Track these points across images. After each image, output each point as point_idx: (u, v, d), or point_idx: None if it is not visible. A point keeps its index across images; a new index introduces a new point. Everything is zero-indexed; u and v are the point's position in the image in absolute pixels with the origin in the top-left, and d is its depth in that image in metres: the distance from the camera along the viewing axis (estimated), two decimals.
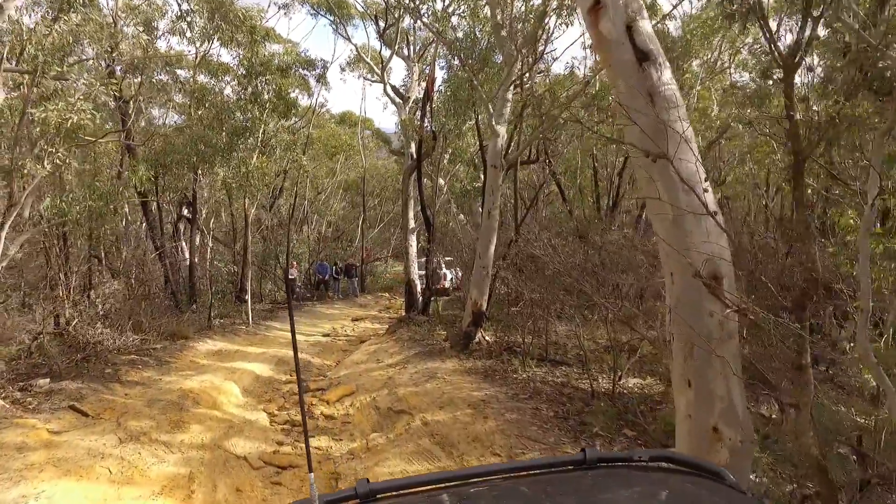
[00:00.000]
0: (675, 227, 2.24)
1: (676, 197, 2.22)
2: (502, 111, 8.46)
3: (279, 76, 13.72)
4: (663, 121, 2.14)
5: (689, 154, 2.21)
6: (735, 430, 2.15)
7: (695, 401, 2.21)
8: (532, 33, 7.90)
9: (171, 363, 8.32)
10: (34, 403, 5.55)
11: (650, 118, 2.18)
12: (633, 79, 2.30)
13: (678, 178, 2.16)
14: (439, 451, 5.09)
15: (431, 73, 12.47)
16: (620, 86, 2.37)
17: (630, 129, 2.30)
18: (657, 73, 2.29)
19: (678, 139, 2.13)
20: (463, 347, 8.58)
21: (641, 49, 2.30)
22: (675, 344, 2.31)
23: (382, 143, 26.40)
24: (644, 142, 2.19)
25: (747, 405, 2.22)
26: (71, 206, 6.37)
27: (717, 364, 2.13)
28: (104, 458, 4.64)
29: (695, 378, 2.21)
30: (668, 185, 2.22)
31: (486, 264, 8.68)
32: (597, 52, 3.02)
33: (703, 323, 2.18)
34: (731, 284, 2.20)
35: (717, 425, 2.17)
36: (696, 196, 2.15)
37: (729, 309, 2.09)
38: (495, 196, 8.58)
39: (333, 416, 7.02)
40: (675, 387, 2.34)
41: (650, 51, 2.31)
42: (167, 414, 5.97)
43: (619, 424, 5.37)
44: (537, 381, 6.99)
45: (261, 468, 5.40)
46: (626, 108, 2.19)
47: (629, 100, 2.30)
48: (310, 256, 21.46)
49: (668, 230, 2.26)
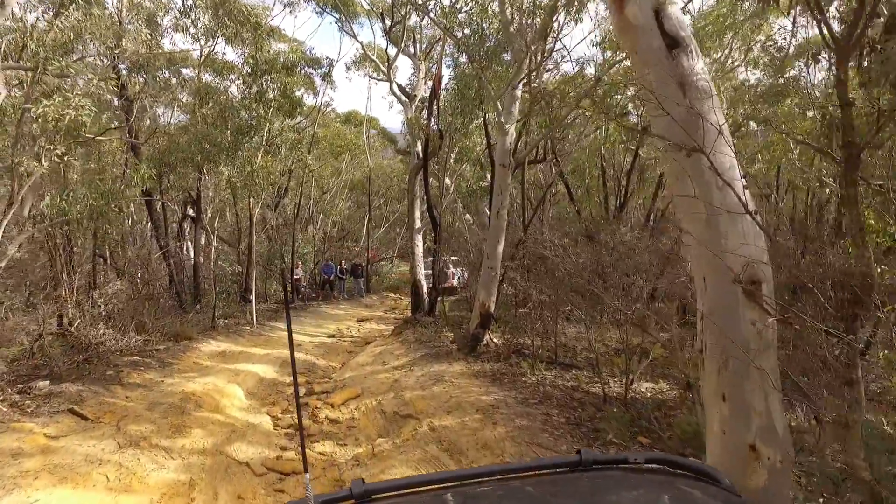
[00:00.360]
0: (708, 228, 2.07)
1: (710, 194, 2.04)
2: (511, 109, 8.28)
3: (284, 74, 13.61)
4: (698, 112, 1.96)
5: (725, 148, 2.03)
6: (774, 449, 1.98)
7: (730, 416, 2.04)
8: (542, 29, 7.72)
9: (173, 365, 8.19)
10: (33, 406, 5.42)
11: (682, 109, 2.01)
12: (663, 67, 2.13)
13: (714, 174, 1.98)
14: (447, 459, 4.93)
15: (438, 70, 12.29)
16: (648, 75, 2.20)
17: (658, 121, 2.13)
18: (689, 61, 2.12)
19: (714, 132, 1.96)
20: (470, 350, 8.41)
21: (671, 35, 2.12)
22: (707, 354, 2.13)
23: (388, 142, 26.27)
24: (675, 134, 2.02)
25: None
26: (71, 205, 6.26)
27: (755, 376, 1.96)
28: (102, 464, 4.50)
29: (730, 391, 2.03)
30: (701, 182, 2.05)
31: (494, 265, 8.50)
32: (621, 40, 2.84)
33: (739, 332, 2.00)
34: (770, 290, 2.03)
35: (755, 443, 2.00)
36: (733, 193, 1.98)
37: (772, 317, 1.91)
38: (504, 195, 8.40)
39: (338, 419, 6.86)
40: (707, 400, 2.16)
41: (681, 37, 2.13)
42: (168, 418, 5.84)
43: (633, 431, 5.19)
44: (547, 385, 6.81)
45: (263, 475, 5.25)
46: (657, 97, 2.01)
47: (658, 90, 2.12)
48: (315, 256, 21.36)
49: (702, 231, 2.08)
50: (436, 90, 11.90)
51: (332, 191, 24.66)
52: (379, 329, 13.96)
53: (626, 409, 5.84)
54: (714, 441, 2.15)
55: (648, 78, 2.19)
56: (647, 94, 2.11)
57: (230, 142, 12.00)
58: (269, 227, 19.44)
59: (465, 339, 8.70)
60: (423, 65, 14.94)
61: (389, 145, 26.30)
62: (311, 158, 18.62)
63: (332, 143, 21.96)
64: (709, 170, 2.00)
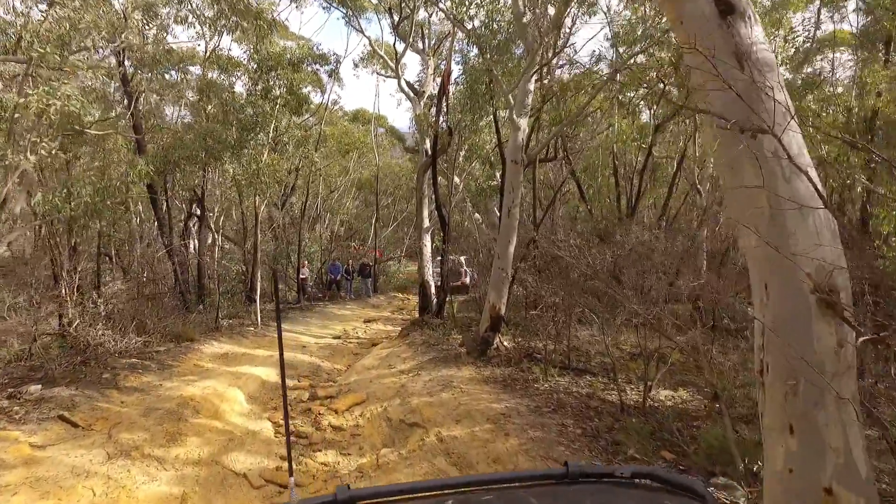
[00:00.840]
0: (773, 225, 1.73)
1: (775, 185, 1.71)
2: (524, 103, 7.94)
3: (291, 71, 13.36)
4: (766, 87, 1.63)
5: (794, 130, 1.70)
6: (856, 493, 1.64)
7: (799, 452, 1.70)
8: (556, 18, 7.38)
9: (173, 367, 7.94)
10: (21, 413, 5.17)
11: (741, 85, 1.68)
12: (715, 37, 1.80)
13: (779, 161, 1.65)
14: (456, 474, 4.61)
15: (447, 65, 11.97)
16: (699, 56, 1.86)
17: (710, 100, 1.80)
18: (746, 28, 1.79)
19: (781, 111, 1.63)
20: (480, 354, 8.09)
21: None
22: (769, 376, 1.80)
23: (396, 140, 26.00)
24: (734, 114, 1.69)
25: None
26: (64, 202, 6.00)
27: (832, 405, 1.63)
28: (89, 476, 4.23)
29: (799, 422, 1.70)
30: (763, 171, 1.72)
31: (504, 266, 8.17)
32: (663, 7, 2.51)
33: (812, 350, 1.67)
34: (849, 299, 1.69)
35: (831, 486, 1.66)
36: (805, 183, 1.65)
37: (860, 334, 1.59)
38: (515, 193, 8.07)
39: (342, 427, 6.57)
40: (768, 431, 1.83)
41: (736, 0, 1.81)
42: (164, 425, 5.57)
43: (655, 445, 4.85)
44: (561, 392, 6.49)
45: (262, 487, 4.97)
46: (716, 68, 1.68)
47: (706, 65, 1.79)
48: (322, 256, 21.12)
49: (764, 229, 1.75)
50: (445, 86, 11.59)
51: (339, 189, 24.43)
52: (386, 330, 13.67)
53: (645, 420, 5.51)
54: (775, 480, 1.81)
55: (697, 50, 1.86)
56: (701, 66, 1.78)
57: (235, 139, 11.77)
58: (275, 225, 19.23)
59: (475, 343, 8.38)
60: (431, 61, 14.64)
61: (398, 144, 26.04)
62: (318, 157, 18.37)
63: (339, 142, 21.72)
64: (772, 156, 1.67)
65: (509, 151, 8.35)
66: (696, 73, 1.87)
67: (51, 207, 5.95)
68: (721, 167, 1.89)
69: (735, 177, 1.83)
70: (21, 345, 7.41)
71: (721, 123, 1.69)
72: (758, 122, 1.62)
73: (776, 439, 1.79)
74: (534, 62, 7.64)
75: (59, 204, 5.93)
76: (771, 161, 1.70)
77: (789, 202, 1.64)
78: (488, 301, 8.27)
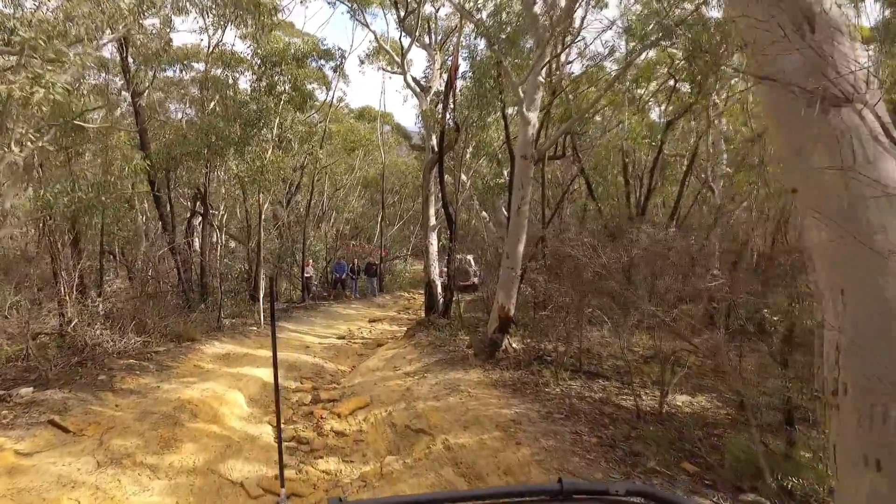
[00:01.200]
0: (852, 218, 1.45)
1: (857, 167, 1.43)
2: (533, 96, 7.66)
3: (295, 66, 13.15)
4: (844, 53, 1.35)
5: (877, 103, 1.42)
6: None
7: (887, 491, 1.42)
8: (568, 8, 7.09)
9: (172, 368, 7.71)
10: (10, 417, 4.95)
11: (810, 51, 1.40)
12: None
13: (860, 140, 1.37)
14: (464, 485, 4.35)
15: (454, 60, 11.69)
16: (753, 9, 1.59)
17: (781, 65, 1.51)
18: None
19: (861, 81, 1.35)
20: (488, 356, 7.82)
21: None
22: (846, 399, 1.52)
23: (402, 138, 25.74)
24: (801, 83, 1.41)
25: None
26: (57, 198, 5.79)
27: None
28: (76, 486, 4.00)
29: (886, 456, 1.42)
30: (841, 150, 1.43)
31: (513, 265, 7.89)
32: None
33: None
34: None
35: None
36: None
37: None
38: (525, 190, 7.78)
39: (345, 432, 6.32)
40: (844, 462, 1.55)
41: None
42: (159, 430, 5.33)
43: (676, 456, 4.56)
44: (573, 397, 6.20)
45: (259, 496, 4.73)
46: (785, 31, 1.40)
47: (761, 35, 1.52)
48: (327, 254, 20.91)
49: (841, 222, 1.47)
50: (452, 80, 11.32)
51: (345, 187, 24.21)
52: (391, 330, 13.42)
53: (663, 428, 5.22)
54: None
55: (753, 12, 1.58)
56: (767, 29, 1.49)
57: (239, 135, 11.56)
58: (280, 224, 19.04)
59: (483, 344, 8.11)
60: (438, 56, 14.36)
61: (404, 141, 25.80)
62: (323, 154, 18.17)
63: (345, 139, 21.51)
64: (851, 134, 1.39)
65: (519, 147, 8.07)
66: (751, 35, 1.58)
67: (42, 203, 5.74)
68: (783, 147, 1.62)
69: (798, 157, 1.55)
70: (13, 345, 7.21)
71: (796, 91, 1.41)
72: (843, 89, 1.34)
73: (851, 472, 1.51)
74: (543, 55, 7.36)
75: (51, 199, 5.72)
76: (849, 140, 1.42)
77: (875, 187, 1.36)
78: (497, 301, 8.00)
